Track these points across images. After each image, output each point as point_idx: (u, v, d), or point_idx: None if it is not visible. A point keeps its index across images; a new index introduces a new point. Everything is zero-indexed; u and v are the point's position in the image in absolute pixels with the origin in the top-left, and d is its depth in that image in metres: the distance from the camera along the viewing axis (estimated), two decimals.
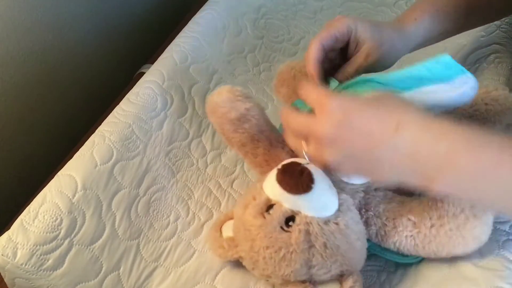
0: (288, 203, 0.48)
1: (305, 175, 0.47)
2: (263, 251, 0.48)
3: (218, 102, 0.56)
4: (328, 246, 0.48)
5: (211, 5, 0.93)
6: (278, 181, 0.48)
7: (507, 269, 0.47)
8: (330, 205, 0.49)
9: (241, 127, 0.57)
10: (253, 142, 0.59)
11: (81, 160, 0.60)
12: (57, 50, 0.87)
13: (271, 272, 0.50)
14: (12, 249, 0.51)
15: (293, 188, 0.47)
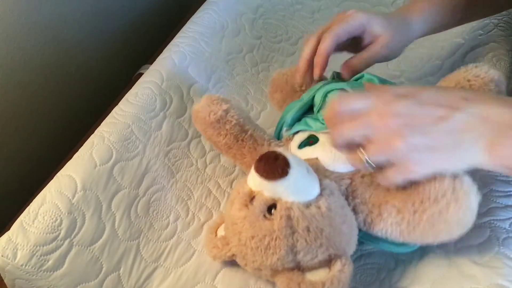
0: (268, 191, 0.49)
1: (280, 160, 0.47)
2: (249, 241, 0.49)
3: (198, 109, 0.60)
4: (311, 230, 0.47)
5: (210, 5, 0.93)
6: (256, 169, 0.48)
7: (507, 266, 0.47)
8: (309, 189, 0.49)
9: (223, 129, 0.60)
10: (238, 142, 0.61)
11: (80, 161, 0.60)
12: (57, 51, 0.87)
13: (260, 264, 0.50)
14: (12, 250, 0.51)
15: (269, 174, 0.47)
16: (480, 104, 0.42)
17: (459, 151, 0.42)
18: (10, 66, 0.77)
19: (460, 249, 0.52)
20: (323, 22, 1.04)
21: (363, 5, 1.11)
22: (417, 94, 0.43)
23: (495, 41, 0.78)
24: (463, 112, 0.42)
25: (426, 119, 0.42)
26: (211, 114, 0.59)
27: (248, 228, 0.49)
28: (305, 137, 0.59)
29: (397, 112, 0.42)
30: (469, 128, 0.41)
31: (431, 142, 0.42)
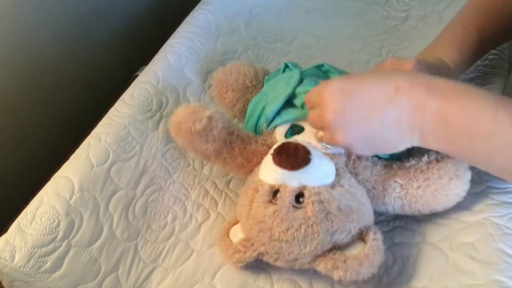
0: (293, 181, 0.50)
1: (300, 149, 0.49)
2: (284, 235, 0.49)
3: (179, 120, 0.58)
4: (342, 208, 0.49)
5: (204, 6, 0.93)
6: (277, 163, 0.49)
7: (504, 262, 0.48)
8: (330, 171, 0.51)
9: (210, 135, 0.58)
10: (227, 145, 0.60)
11: (77, 162, 0.60)
12: (56, 51, 0.86)
13: (297, 254, 0.50)
14: (10, 252, 0.51)
15: (294, 165, 0.49)
16: (411, 94, 0.45)
17: (394, 140, 0.48)
18: (10, 66, 0.76)
19: (457, 246, 0.53)
20: (317, 22, 1.05)
21: (357, 4, 1.11)
22: (354, 88, 0.48)
23: None
24: (394, 105, 0.46)
25: (362, 114, 0.47)
26: (196, 123, 0.57)
27: (279, 222, 0.49)
28: (287, 127, 0.60)
29: (335, 109, 0.47)
30: (401, 120, 0.46)
31: (367, 135, 0.48)
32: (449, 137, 0.46)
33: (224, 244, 0.57)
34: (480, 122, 0.44)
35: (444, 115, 0.44)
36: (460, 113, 0.44)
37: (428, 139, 0.47)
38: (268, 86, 0.67)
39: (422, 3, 1.07)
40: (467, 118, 0.44)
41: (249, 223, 0.52)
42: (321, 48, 0.98)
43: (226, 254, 0.56)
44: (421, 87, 0.45)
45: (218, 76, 0.75)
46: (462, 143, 0.46)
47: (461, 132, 0.45)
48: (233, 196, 0.68)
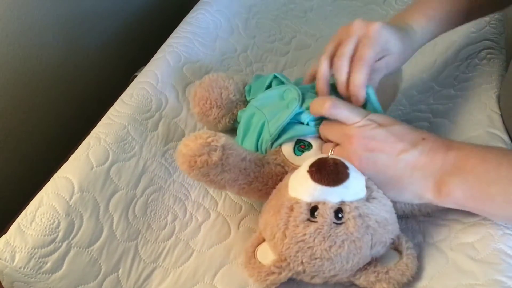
0: (333, 197, 0.49)
1: (339, 165, 0.49)
2: (327, 253, 0.48)
3: (193, 153, 0.52)
4: (379, 220, 0.49)
5: (203, 5, 0.93)
6: (317, 180, 0.49)
7: (504, 262, 0.48)
8: (363, 185, 0.51)
9: (226, 164, 0.54)
10: (242, 172, 0.56)
11: (77, 162, 0.60)
12: (56, 51, 0.86)
13: (338, 270, 0.50)
14: (10, 253, 0.51)
15: (336, 181, 0.48)
16: (434, 146, 0.49)
17: (404, 184, 0.50)
18: (10, 66, 0.76)
19: (457, 246, 0.53)
20: (316, 21, 1.05)
21: (355, 3, 1.11)
22: (389, 125, 0.51)
23: (487, 39, 0.79)
24: (417, 150, 0.49)
25: (386, 148, 0.50)
26: (211, 154, 0.52)
27: (322, 240, 0.48)
28: (293, 143, 0.59)
29: (365, 134, 0.51)
30: (418, 165, 0.49)
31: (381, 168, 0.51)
32: (465, 185, 0.47)
33: (254, 268, 0.53)
34: (499, 168, 0.46)
35: (462, 164, 0.47)
36: (479, 160, 0.47)
37: (442, 189, 0.48)
38: (260, 101, 0.65)
39: None
40: (485, 166, 0.46)
41: (286, 243, 0.50)
42: (320, 48, 0.98)
43: (258, 277, 0.53)
44: (443, 142, 0.50)
45: (199, 92, 0.70)
46: (480, 191, 0.47)
47: (479, 179, 0.46)
48: (233, 196, 0.68)
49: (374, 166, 0.50)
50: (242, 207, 0.67)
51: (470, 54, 0.79)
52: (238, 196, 0.68)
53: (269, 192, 0.57)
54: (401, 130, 0.51)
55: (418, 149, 0.49)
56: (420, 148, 0.49)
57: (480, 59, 0.76)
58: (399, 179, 0.50)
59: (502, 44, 0.79)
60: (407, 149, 0.49)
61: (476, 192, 0.47)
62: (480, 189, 0.47)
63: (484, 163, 0.47)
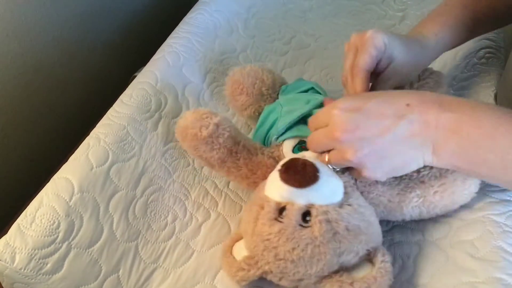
0: (300, 199, 0.48)
1: (308, 166, 0.48)
2: (290, 254, 0.47)
3: (186, 125, 0.56)
4: (350, 228, 0.48)
5: (202, 6, 0.93)
6: (284, 180, 0.48)
7: (504, 260, 0.48)
8: (338, 189, 0.49)
9: (216, 143, 0.56)
10: (232, 155, 0.58)
11: (76, 163, 0.60)
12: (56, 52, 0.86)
13: (303, 274, 0.49)
14: (10, 254, 0.51)
15: (302, 182, 0.47)
16: (422, 109, 0.46)
17: (407, 157, 0.47)
18: (10, 66, 0.76)
19: (457, 243, 0.53)
20: (315, 21, 1.05)
21: (353, 3, 1.11)
22: (363, 106, 0.47)
23: (486, 38, 0.79)
24: (406, 119, 0.45)
25: (373, 130, 0.46)
26: (202, 129, 0.55)
27: (285, 241, 0.47)
28: (295, 142, 0.59)
29: (345, 127, 0.47)
30: (413, 134, 0.46)
31: (379, 151, 0.47)
32: (462, 150, 0.45)
33: (227, 262, 0.54)
34: (495, 135, 0.43)
35: (457, 128, 0.44)
36: (474, 126, 0.44)
37: (440, 153, 0.46)
38: (286, 99, 0.66)
39: (419, 2, 1.07)
40: (481, 132, 0.44)
41: (254, 240, 0.50)
42: (319, 47, 0.98)
43: (229, 272, 0.54)
44: (432, 103, 0.46)
45: (235, 76, 0.72)
46: (476, 157, 0.45)
47: (475, 145, 0.44)
48: (233, 196, 0.68)
49: (373, 152, 0.47)
50: (242, 207, 0.67)
51: (468, 54, 0.79)
52: (238, 196, 0.68)
53: (257, 182, 0.57)
54: (379, 106, 0.47)
55: (407, 119, 0.45)
56: (408, 117, 0.45)
57: (478, 58, 0.76)
58: (402, 154, 0.47)
59: (501, 43, 0.79)
60: (396, 123, 0.46)
61: (472, 157, 0.45)
62: (476, 155, 0.45)
63: (479, 129, 0.44)
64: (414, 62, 0.61)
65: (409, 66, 0.61)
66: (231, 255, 0.55)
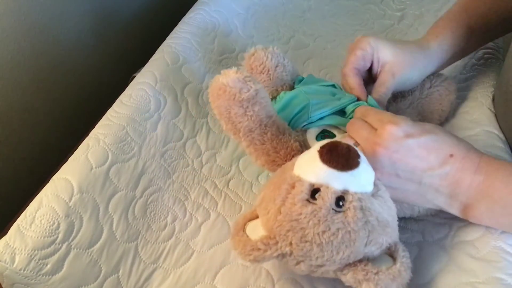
0: (337, 183, 0.47)
1: (352, 151, 0.47)
2: (319, 237, 0.46)
3: (227, 82, 0.53)
4: (380, 219, 0.47)
5: (201, 6, 0.93)
6: (326, 161, 0.46)
7: (504, 260, 0.48)
8: (371, 179, 0.49)
9: (251, 109, 0.54)
10: (261, 127, 0.56)
11: (76, 164, 0.60)
12: (56, 52, 0.86)
13: (326, 259, 0.47)
14: (10, 255, 0.51)
15: (345, 165, 0.46)
16: (461, 165, 0.47)
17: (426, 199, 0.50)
18: (10, 66, 0.76)
19: (457, 244, 0.53)
20: (314, 21, 1.05)
21: (352, 3, 1.12)
22: (414, 136, 0.48)
23: None
24: (442, 170, 0.47)
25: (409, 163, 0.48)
26: (242, 91, 0.52)
27: (316, 223, 0.46)
28: (319, 131, 0.59)
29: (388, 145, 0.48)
30: (444, 185, 0.48)
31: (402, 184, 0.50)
32: (492, 212, 0.48)
33: (240, 240, 0.51)
34: None
35: (488, 191, 0.46)
36: (506, 190, 0.46)
37: (469, 212, 0.49)
38: (310, 90, 0.65)
39: (418, 2, 1.07)
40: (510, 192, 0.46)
41: (279, 219, 0.48)
42: (318, 47, 0.98)
43: (242, 251, 0.50)
44: (472, 161, 0.48)
45: (258, 54, 0.70)
46: (506, 218, 0.48)
47: (506, 208, 0.47)
48: (233, 196, 0.68)
49: (397, 178, 0.49)
50: (242, 207, 0.67)
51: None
52: (238, 196, 0.68)
53: (276, 161, 0.56)
54: (429, 143, 0.48)
55: (445, 170, 0.47)
56: (447, 168, 0.47)
57: (477, 59, 0.76)
58: (422, 194, 0.50)
59: (500, 44, 0.79)
60: (433, 168, 0.48)
61: (503, 219, 0.48)
62: (507, 217, 0.48)
63: (508, 190, 0.46)
64: (412, 64, 0.62)
65: (407, 69, 0.61)
66: (244, 233, 0.52)
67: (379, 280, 0.46)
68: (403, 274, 0.47)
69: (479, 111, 0.67)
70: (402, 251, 0.49)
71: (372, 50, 0.61)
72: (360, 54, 0.61)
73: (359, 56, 0.61)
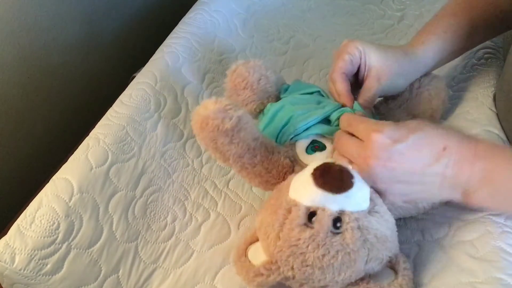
0: (332, 205, 0.47)
1: (345, 172, 0.47)
2: (319, 261, 0.46)
3: (207, 115, 0.52)
4: (379, 236, 0.47)
5: (201, 6, 0.93)
6: (320, 185, 0.47)
7: (504, 260, 0.48)
8: (367, 196, 0.49)
9: (236, 136, 0.54)
10: (250, 151, 0.56)
11: (76, 164, 0.60)
12: (56, 52, 0.86)
13: (329, 281, 0.48)
14: (10, 255, 0.51)
15: (339, 188, 0.46)
16: (458, 156, 0.47)
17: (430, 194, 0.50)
18: (9, 66, 0.76)
19: (456, 244, 0.53)
20: (314, 21, 1.05)
21: (352, 3, 1.11)
22: (403, 139, 0.48)
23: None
24: (440, 164, 0.47)
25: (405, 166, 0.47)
26: (225, 121, 0.52)
27: (315, 247, 0.46)
28: (309, 142, 0.59)
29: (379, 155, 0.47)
30: (444, 178, 0.47)
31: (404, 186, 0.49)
32: (493, 197, 0.48)
33: (243, 266, 0.52)
34: None
35: (490, 178, 0.46)
36: (506, 174, 0.46)
37: (472, 198, 0.48)
38: (293, 99, 0.65)
39: (418, 2, 1.07)
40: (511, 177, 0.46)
41: (278, 245, 0.49)
42: (318, 47, 0.98)
43: (246, 277, 0.51)
44: (468, 149, 0.47)
45: (239, 70, 0.69)
46: (508, 202, 0.48)
47: (507, 190, 0.47)
48: (233, 196, 0.68)
49: (399, 184, 0.49)
50: (242, 207, 0.67)
51: (467, 54, 0.79)
52: (237, 196, 0.68)
53: (270, 181, 0.57)
54: (418, 142, 0.48)
55: (441, 163, 0.47)
56: (443, 161, 0.47)
57: (477, 59, 0.76)
58: (427, 191, 0.49)
59: (500, 43, 0.79)
60: (430, 165, 0.47)
61: (506, 202, 0.48)
62: (509, 201, 0.48)
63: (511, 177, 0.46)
64: (398, 70, 0.62)
65: (393, 75, 0.62)
66: (247, 259, 0.53)
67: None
68: (405, 287, 0.48)
69: (479, 111, 0.67)
70: (403, 263, 0.49)
71: (359, 54, 0.61)
72: (348, 59, 0.61)
73: (347, 61, 0.61)
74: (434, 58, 0.65)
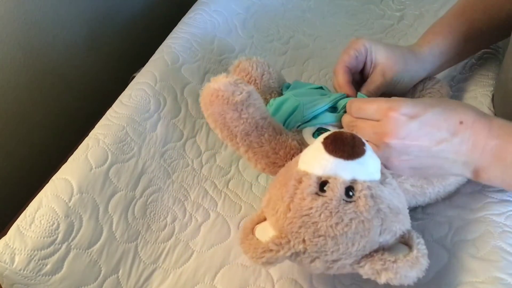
0: (345, 173, 0.46)
1: (357, 138, 0.46)
2: (332, 230, 0.45)
3: (218, 87, 0.51)
4: (392, 207, 0.46)
5: (201, 6, 0.93)
6: (331, 151, 0.46)
7: (504, 260, 0.48)
8: (378, 167, 0.48)
9: (245, 111, 0.53)
10: (258, 129, 0.55)
11: (76, 164, 0.60)
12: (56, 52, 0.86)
13: (342, 252, 0.46)
14: (9, 255, 0.51)
15: (351, 154, 0.45)
16: (473, 131, 0.47)
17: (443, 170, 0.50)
18: (9, 67, 0.76)
19: (457, 243, 0.53)
20: (314, 21, 1.05)
21: (352, 3, 1.11)
22: (419, 115, 0.48)
23: None
24: (457, 138, 0.47)
25: (422, 141, 0.47)
26: (235, 94, 0.51)
27: (328, 216, 0.45)
28: (315, 129, 0.59)
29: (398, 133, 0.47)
30: (459, 154, 0.47)
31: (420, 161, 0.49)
32: (504, 175, 0.47)
33: (251, 244, 0.49)
34: None
35: (502, 156, 0.46)
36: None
37: (482, 175, 0.48)
38: (297, 93, 0.65)
39: (417, 2, 1.07)
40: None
41: (289, 217, 0.47)
42: (317, 47, 0.98)
43: (253, 254, 0.48)
44: (483, 125, 0.47)
45: (242, 65, 0.69)
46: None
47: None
48: (233, 196, 0.68)
49: (416, 160, 0.49)
50: (241, 207, 0.67)
51: None
52: (237, 196, 0.68)
53: (277, 163, 0.56)
54: (436, 118, 0.48)
55: (458, 137, 0.47)
56: (460, 135, 0.47)
57: (476, 59, 0.76)
58: (440, 166, 0.49)
59: (499, 44, 0.79)
60: (447, 139, 0.47)
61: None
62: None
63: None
64: (403, 67, 0.62)
65: (398, 71, 0.62)
66: (254, 237, 0.50)
67: (398, 268, 0.45)
68: (421, 260, 0.46)
69: None
70: (417, 238, 0.47)
71: (366, 51, 0.62)
72: (354, 54, 0.62)
73: (352, 56, 0.62)
74: (440, 58, 0.65)
